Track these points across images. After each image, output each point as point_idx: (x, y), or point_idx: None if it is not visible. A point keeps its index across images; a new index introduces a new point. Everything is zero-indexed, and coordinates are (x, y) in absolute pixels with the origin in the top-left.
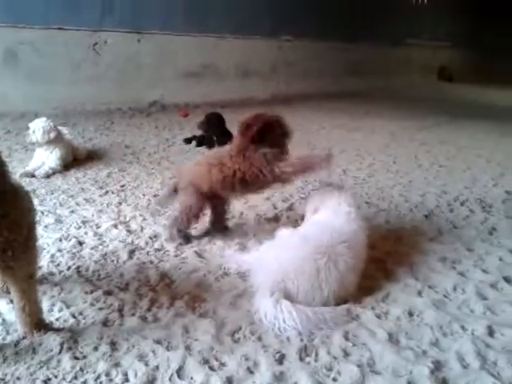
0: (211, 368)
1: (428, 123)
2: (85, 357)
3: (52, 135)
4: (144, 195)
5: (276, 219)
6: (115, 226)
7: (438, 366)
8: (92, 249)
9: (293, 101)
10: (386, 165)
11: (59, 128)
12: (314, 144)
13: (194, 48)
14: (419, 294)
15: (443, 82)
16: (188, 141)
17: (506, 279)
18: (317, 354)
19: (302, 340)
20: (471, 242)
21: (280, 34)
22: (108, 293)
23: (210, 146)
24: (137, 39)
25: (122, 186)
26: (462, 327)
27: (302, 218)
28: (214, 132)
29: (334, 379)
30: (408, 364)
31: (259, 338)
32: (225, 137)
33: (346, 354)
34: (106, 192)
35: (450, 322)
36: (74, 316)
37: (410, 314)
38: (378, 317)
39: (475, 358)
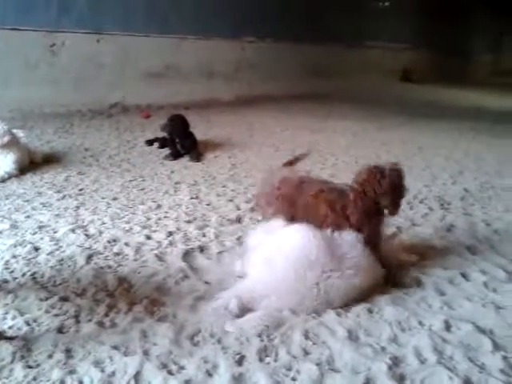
0: (169, 372)
1: (389, 123)
2: (38, 365)
3: (5, 139)
4: (103, 198)
5: (239, 220)
6: (73, 230)
7: (395, 361)
8: (48, 254)
9: (257, 102)
10: (349, 165)
11: (14, 131)
12: (277, 145)
13: (155, 49)
14: (379, 291)
15: (404, 82)
16: (150, 142)
17: (463, 275)
18: (277, 354)
19: (262, 340)
20: (430, 239)
21: (243, 35)
22: (64, 299)
23: (173, 148)
24: (96, 40)
25: (81, 190)
26: (420, 322)
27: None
28: (177, 134)
29: (293, 379)
30: (367, 361)
31: (219, 341)
32: (188, 139)
33: (306, 353)
34: (64, 196)
35: (409, 317)
36: (28, 324)
37: (370, 311)
38: (339, 315)
39: (432, 352)
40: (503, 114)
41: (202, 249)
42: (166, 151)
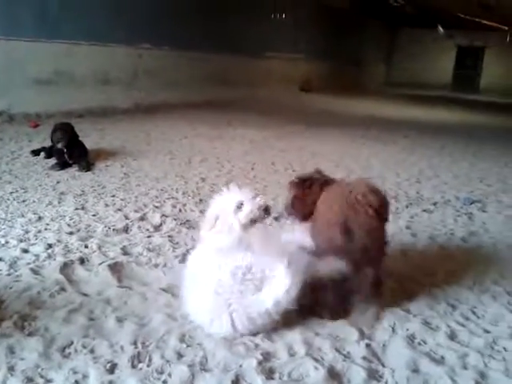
0: None
1: (287, 131)
2: None
3: None
4: None
5: (126, 230)
6: None
7: (267, 356)
8: None
9: (156, 110)
10: (244, 171)
11: None
12: (174, 153)
13: (45, 55)
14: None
15: (302, 92)
16: (36, 152)
17: None
18: (150, 360)
19: (136, 347)
20: None
21: (139, 42)
22: None
23: (60, 157)
24: None
25: None
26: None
27: (155, 227)
28: (64, 143)
29: (164, 381)
30: (239, 358)
31: (91, 351)
32: (76, 148)
33: (180, 356)
34: None
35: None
36: None
37: None
38: None
39: (302, 345)
40: (391, 122)
41: (82, 260)
42: (53, 161)
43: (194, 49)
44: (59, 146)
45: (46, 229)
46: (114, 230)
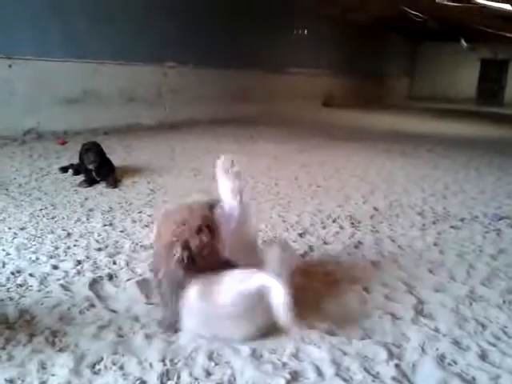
0: None
1: (310, 146)
2: None
3: None
4: (10, 228)
5: (152, 246)
6: None
7: (295, 376)
8: None
9: (180, 127)
10: (268, 187)
11: None
12: (199, 169)
13: (73, 74)
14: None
15: (325, 107)
16: (64, 169)
17: (366, 289)
18: (179, 377)
19: (164, 365)
20: (338, 256)
21: (164, 60)
22: None
23: (88, 175)
24: (8, 64)
25: None
26: (321, 337)
27: None
28: (97, 165)
29: None
30: (267, 377)
31: (121, 367)
32: (104, 166)
33: (208, 374)
34: None
35: (312, 332)
36: None
37: (275, 329)
38: None
39: (330, 365)
40: (415, 136)
41: (110, 276)
42: (81, 178)
43: (217, 66)
44: (90, 167)
45: (75, 245)
46: (141, 246)
